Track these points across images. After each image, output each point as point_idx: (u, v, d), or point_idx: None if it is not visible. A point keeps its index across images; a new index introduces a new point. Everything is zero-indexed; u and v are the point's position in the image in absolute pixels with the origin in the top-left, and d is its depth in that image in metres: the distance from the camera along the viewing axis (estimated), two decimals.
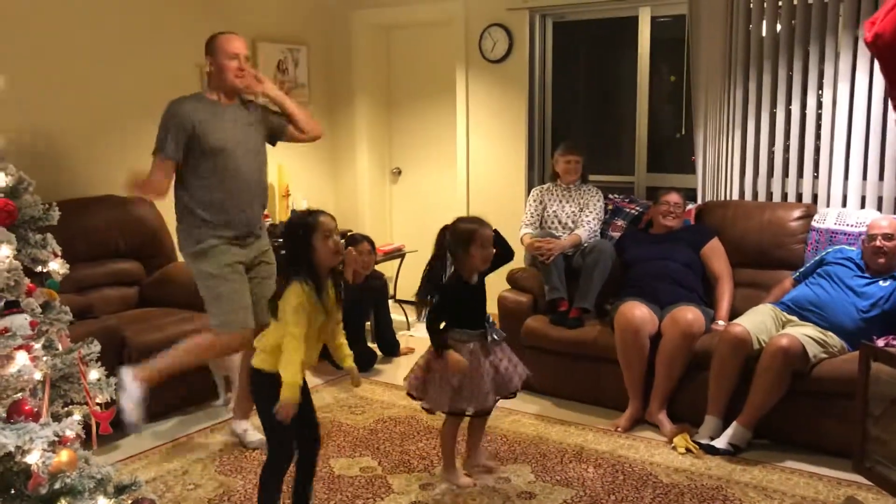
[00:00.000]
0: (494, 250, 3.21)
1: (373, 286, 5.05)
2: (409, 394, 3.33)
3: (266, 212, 5.55)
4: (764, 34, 4.47)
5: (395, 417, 4.08)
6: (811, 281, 3.85)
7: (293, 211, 5.48)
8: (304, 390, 2.81)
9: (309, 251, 2.67)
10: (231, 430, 3.86)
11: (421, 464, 3.53)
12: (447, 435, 3.33)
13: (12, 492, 2.02)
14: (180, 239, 3.57)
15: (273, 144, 3.80)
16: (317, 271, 2.68)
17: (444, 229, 3.23)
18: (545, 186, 4.74)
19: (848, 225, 4.06)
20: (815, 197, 4.43)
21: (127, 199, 4.54)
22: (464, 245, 3.16)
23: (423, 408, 3.30)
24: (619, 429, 3.87)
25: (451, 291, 3.21)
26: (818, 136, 4.38)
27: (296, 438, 2.83)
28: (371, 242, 5.08)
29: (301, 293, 2.63)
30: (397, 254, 5.77)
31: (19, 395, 2.01)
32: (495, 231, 3.26)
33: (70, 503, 2.00)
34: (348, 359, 2.90)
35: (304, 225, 2.69)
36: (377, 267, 5.32)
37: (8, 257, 2.10)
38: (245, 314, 3.49)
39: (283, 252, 2.79)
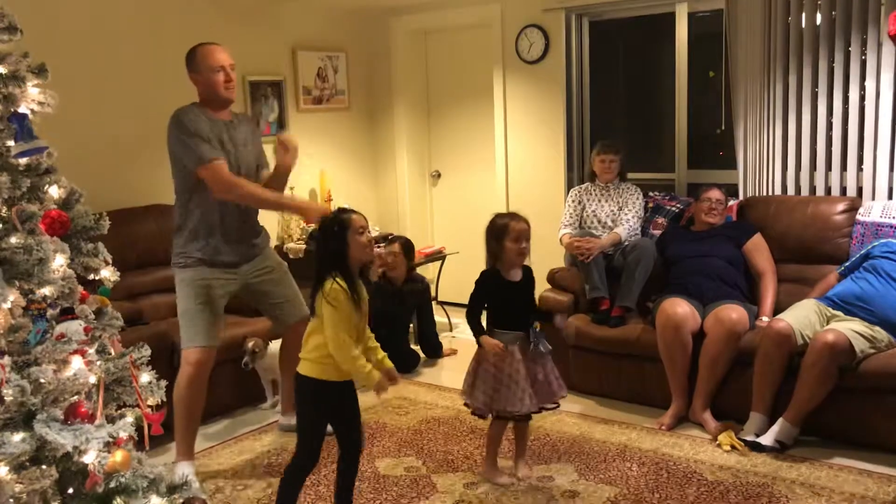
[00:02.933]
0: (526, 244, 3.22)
1: (415, 289, 5.10)
2: (465, 404, 3.37)
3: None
4: (804, 26, 4.41)
5: (439, 418, 4.12)
6: (857, 275, 3.79)
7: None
8: (351, 393, 2.87)
9: (343, 247, 2.74)
10: (281, 427, 3.99)
11: (465, 463, 3.56)
12: (491, 436, 3.39)
13: (70, 491, 2.10)
14: (175, 248, 3.51)
15: None
16: (349, 268, 2.75)
17: (486, 228, 3.29)
18: (583, 186, 4.74)
19: (894, 218, 3.98)
20: (859, 190, 4.35)
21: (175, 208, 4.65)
22: (497, 239, 3.21)
23: (473, 414, 3.34)
24: (662, 427, 3.86)
25: (485, 283, 3.26)
26: (862, 128, 4.31)
27: (339, 441, 2.90)
28: (408, 245, 5.12)
29: (338, 290, 2.69)
30: (438, 256, 5.81)
31: (75, 397, 2.09)
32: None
33: (125, 502, 2.07)
34: (386, 359, 2.96)
35: (339, 222, 2.76)
36: (419, 270, 5.37)
37: (62, 266, 2.19)
38: (211, 331, 3.46)
39: (317, 251, 2.85)
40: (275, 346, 4.20)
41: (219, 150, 3.38)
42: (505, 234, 3.19)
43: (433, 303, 5.46)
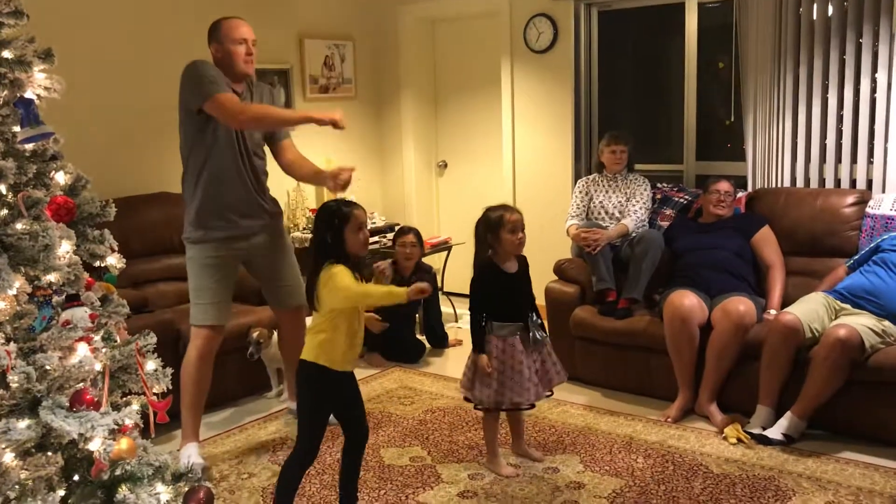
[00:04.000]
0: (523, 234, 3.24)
1: (423, 278, 5.08)
2: (465, 398, 3.40)
3: (314, 207, 5.68)
4: (815, 17, 4.37)
5: (444, 408, 4.11)
6: (866, 269, 3.76)
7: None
8: (353, 383, 2.86)
9: (340, 241, 2.72)
10: (291, 412, 3.99)
11: (470, 454, 3.56)
12: (487, 428, 3.40)
13: (76, 478, 2.10)
14: (185, 223, 3.53)
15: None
16: (349, 258, 2.74)
17: (477, 223, 3.28)
18: (591, 177, 4.72)
19: None
20: (869, 182, 4.32)
21: (181, 196, 4.64)
22: (493, 232, 3.20)
23: (475, 407, 3.36)
24: (668, 419, 3.84)
25: (484, 279, 3.26)
26: (872, 121, 4.27)
27: (344, 431, 2.90)
28: (418, 235, 5.11)
29: (340, 269, 2.68)
30: (444, 246, 5.79)
31: (81, 384, 2.09)
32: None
33: (130, 489, 2.07)
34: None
35: (340, 215, 2.73)
36: (426, 259, 5.36)
37: (68, 252, 2.18)
38: (222, 309, 3.50)
39: (314, 240, 2.82)
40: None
41: (226, 89, 3.34)
42: (501, 225, 3.20)
43: (439, 293, 5.46)
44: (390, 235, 5.44)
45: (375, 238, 5.51)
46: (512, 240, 3.20)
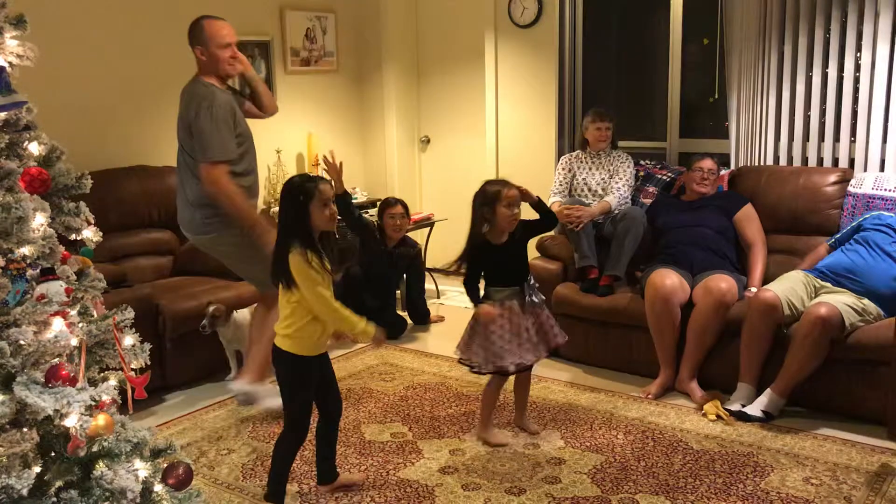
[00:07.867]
0: (519, 214, 3.26)
1: (405, 254, 5.06)
2: (459, 360, 3.40)
3: None
4: None
5: (425, 384, 4.11)
6: (847, 247, 3.78)
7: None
8: (325, 362, 2.86)
9: (305, 217, 2.69)
10: (233, 392, 3.87)
11: (451, 429, 3.56)
12: (489, 393, 3.41)
13: (52, 454, 2.06)
14: (209, 222, 3.57)
15: None
16: (312, 236, 2.70)
17: (475, 195, 3.29)
18: (574, 154, 4.70)
19: (886, 190, 3.97)
20: (851, 161, 4.34)
21: (160, 170, 4.58)
22: (489, 205, 3.22)
23: (472, 370, 3.36)
24: (649, 396, 3.86)
25: (475, 251, 3.31)
26: (856, 100, 4.28)
27: (318, 409, 2.91)
28: (405, 206, 5.07)
29: (307, 260, 2.65)
30: (426, 223, 5.76)
31: (56, 360, 2.05)
32: (538, 199, 3.34)
33: (108, 466, 2.04)
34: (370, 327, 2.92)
35: (304, 191, 2.69)
36: (411, 234, 5.33)
37: (43, 225, 2.12)
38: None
39: (279, 217, 2.79)
40: (239, 315, 4.09)
41: (233, 149, 3.51)
42: (498, 200, 3.22)
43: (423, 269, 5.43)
44: (373, 211, 5.39)
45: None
46: (507, 214, 3.22)
